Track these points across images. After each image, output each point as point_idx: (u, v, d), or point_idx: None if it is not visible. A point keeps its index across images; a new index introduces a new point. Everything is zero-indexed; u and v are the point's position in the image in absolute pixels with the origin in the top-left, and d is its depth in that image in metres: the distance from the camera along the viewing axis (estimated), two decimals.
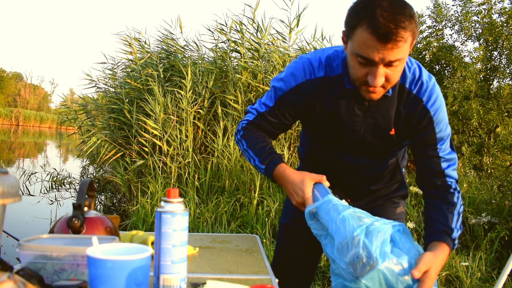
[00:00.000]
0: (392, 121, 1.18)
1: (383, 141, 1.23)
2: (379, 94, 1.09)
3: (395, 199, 1.43)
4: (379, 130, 1.20)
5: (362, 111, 1.18)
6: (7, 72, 50.66)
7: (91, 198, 0.99)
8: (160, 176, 4.54)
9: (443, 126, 1.18)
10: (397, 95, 1.16)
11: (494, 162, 5.22)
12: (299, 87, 1.20)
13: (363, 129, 1.20)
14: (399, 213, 1.43)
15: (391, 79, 1.05)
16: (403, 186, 1.45)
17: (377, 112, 1.18)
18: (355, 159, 1.30)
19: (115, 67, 6.51)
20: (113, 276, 0.62)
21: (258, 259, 1.14)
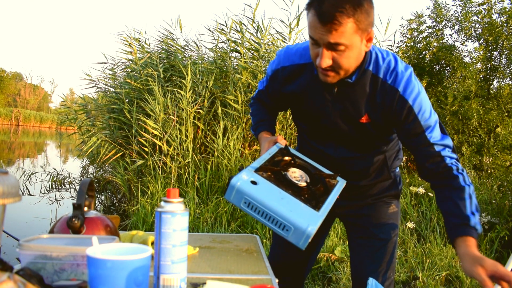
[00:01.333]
0: (363, 108, 1.21)
1: (356, 129, 1.25)
2: (333, 78, 1.14)
3: (386, 198, 1.42)
4: (349, 116, 1.23)
5: (332, 97, 1.23)
6: (7, 72, 50.67)
7: (91, 198, 0.99)
8: (160, 176, 4.54)
9: (427, 114, 1.18)
10: (370, 84, 1.18)
11: (494, 162, 5.22)
12: (278, 72, 1.32)
13: (333, 114, 1.25)
14: (391, 213, 1.42)
15: (339, 63, 1.09)
16: (395, 186, 1.44)
17: (345, 98, 1.22)
18: (336, 150, 1.33)
19: (115, 67, 6.51)
20: (113, 276, 0.62)
21: (258, 259, 1.14)
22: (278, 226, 1.03)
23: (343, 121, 1.25)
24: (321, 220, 1.05)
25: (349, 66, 1.12)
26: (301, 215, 1.03)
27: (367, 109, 1.20)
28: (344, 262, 2.98)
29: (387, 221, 1.40)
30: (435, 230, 3.56)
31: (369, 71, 1.18)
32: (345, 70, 1.12)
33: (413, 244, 3.33)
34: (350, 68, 1.13)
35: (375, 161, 1.36)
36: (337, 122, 1.25)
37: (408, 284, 2.80)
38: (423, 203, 3.89)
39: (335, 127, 1.27)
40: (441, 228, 3.58)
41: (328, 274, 2.92)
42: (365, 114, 1.21)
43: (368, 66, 1.18)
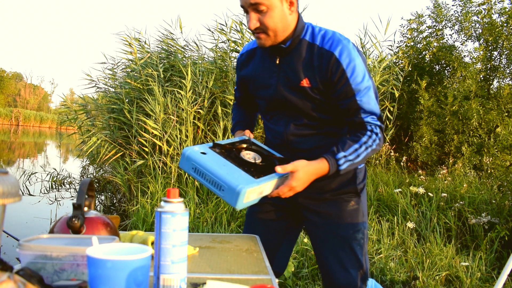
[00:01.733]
0: (302, 73, 1.32)
1: (298, 95, 1.34)
2: (266, 40, 1.29)
3: (345, 195, 1.43)
4: (290, 82, 1.34)
5: (275, 67, 1.37)
6: (7, 72, 50.68)
7: (91, 198, 0.99)
8: (160, 176, 4.54)
9: (359, 78, 1.28)
10: (307, 51, 1.31)
11: (494, 162, 5.22)
12: (238, 60, 1.53)
13: (278, 83, 1.37)
14: (351, 210, 1.43)
15: (264, 23, 1.25)
16: (353, 181, 1.44)
17: (286, 66, 1.35)
18: (287, 127, 1.41)
19: (115, 67, 6.51)
20: (113, 276, 0.62)
21: (258, 259, 1.14)
22: (215, 186, 1.15)
23: (286, 88, 1.36)
24: (256, 185, 1.15)
25: (275, 27, 1.26)
26: (236, 178, 1.15)
27: (306, 73, 1.31)
28: None
29: (345, 218, 1.42)
30: (435, 230, 3.56)
31: (305, 40, 1.32)
32: (272, 30, 1.27)
33: (413, 244, 3.33)
34: (277, 29, 1.27)
35: (326, 144, 1.38)
36: (282, 90, 1.36)
37: (408, 284, 2.80)
38: (423, 203, 3.89)
39: (281, 97, 1.37)
40: (441, 228, 3.58)
41: None
42: (304, 78, 1.32)
43: (304, 36, 1.33)
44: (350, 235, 1.42)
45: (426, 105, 5.47)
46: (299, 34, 1.32)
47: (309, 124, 1.39)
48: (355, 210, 1.43)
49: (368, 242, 3.33)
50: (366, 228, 1.47)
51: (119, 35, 5.93)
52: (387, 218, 3.78)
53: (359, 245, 1.43)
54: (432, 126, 5.51)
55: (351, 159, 1.28)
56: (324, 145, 1.39)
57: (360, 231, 1.43)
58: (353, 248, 1.42)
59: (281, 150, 1.44)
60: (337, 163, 1.27)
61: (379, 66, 5.54)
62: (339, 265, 1.42)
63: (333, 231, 1.42)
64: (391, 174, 4.71)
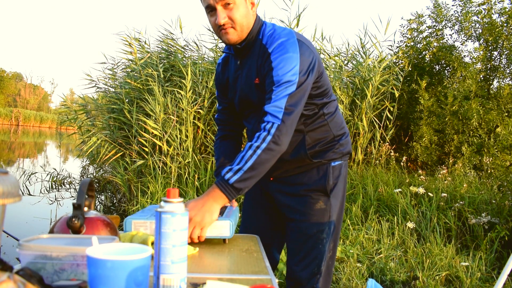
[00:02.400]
0: (255, 71, 1.38)
1: (254, 92, 1.40)
2: (233, 34, 1.34)
3: (314, 194, 1.45)
4: (248, 80, 1.41)
5: (239, 69, 1.44)
6: (7, 72, 50.67)
7: (91, 198, 0.99)
8: (160, 176, 4.54)
9: (281, 71, 1.29)
10: (259, 49, 1.37)
11: (494, 162, 5.22)
12: (216, 70, 1.59)
13: (241, 83, 1.44)
14: (317, 209, 1.44)
15: (233, 17, 1.31)
16: (323, 179, 1.45)
17: (244, 66, 1.42)
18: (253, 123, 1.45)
19: (115, 67, 6.52)
20: (113, 276, 0.62)
21: (258, 259, 1.14)
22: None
23: (246, 87, 1.42)
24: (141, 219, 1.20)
25: (242, 21, 1.33)
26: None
27: (258, 72, 1.38)
28: (344, 262, 2.99)
29: (312, 217, 1.45)
30: (435, 230, 3.56)
31: (260, 39, 1.39)
32: (239, 25, 1.32)
33: (413, 244, 3.33)
34: (243, 24, 1.33)
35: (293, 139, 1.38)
36: (244, 89, 1.43)
37: (408, 284, 2.80)
38: (423, 203, 3.89)
39: (245, 96, 1.44)
40: (441, 228, 3.58)
41: None
42: (257, 77, 1.38)
43: (260, 36, 1.39)
44: (314, 234, 1.44)
45: (426, 105, 5.47)
46: (254, 34, 1.38)
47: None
48: (322, 210, 1.45)
49: (368, 242, 3.33)
50: (332, 230, 1.46)
51: (119, 35, 5.93)
52: (387, 218, 3.78)
53: (321, 245, 1.45)
54: (432, 126, 5.51)
55: (239, 168, 1.23)
56: (294, 141, 1.42)
57: (324, 232, 1.44)
58: (315, 247, 1.44)
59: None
60: (224, 179, 1.23)
61: (379, 66, 5.54)
62: (298, 260, 1.47)
63: (298, 226, 1.46)
64: (391, 174, 4.71)
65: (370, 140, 5.46)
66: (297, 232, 1.47)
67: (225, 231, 1.21)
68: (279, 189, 1.52)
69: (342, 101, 5.35)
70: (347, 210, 3.97)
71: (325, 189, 1.45)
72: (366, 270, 2.91)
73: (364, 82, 5.56)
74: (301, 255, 1.46)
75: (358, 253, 3.09)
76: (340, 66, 5.99)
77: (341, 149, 1.49)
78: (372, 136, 5.43)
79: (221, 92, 1.60)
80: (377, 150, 5.42)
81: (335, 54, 6.19)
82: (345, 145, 1.51)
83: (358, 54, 6.32)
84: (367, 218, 3.80)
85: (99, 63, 11.64)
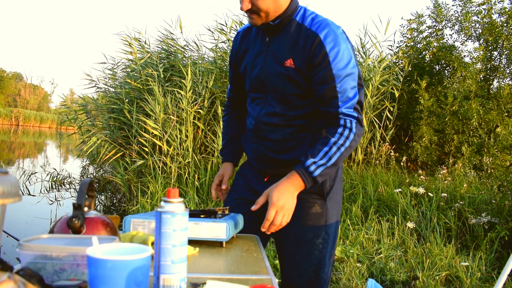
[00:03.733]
0: (288, 52, 1.32)
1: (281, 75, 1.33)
2: (257, 20, 1.31)
3: (309, 197, 1.39)
4: (276, 60, 1.34)
5: (265, 45, 1.38)
6: (7, 72, 50.66)
7: (91, 198, 0.99)
8: (160, 176, 4.54)
9: (341, 64, 1.27)
10: (295, 31, 1.32)
11: (494, 162, 5.22)
12: (235, 39, 1.52)
13: (265, 60, 1.37)
14: (313, 214, 1.39)
15: (257, 5, 1.27)
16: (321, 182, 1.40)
17: (275, 45, 1.36)
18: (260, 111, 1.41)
19: (115, 67, 6.52)
20: (113, 276, 0.62)
21: (258, 259, 1.14)
22: None
23: (271, 67, 1.36)
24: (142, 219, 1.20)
25: (267, 8, 1.28)
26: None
27: (292, 53, 1.32)
28: (344, 262, 2.98)
29: (307, 222, 1.39)
30: (435, 230, 3.56)
31: (295, 20, 1.33)
32: (264, 11, 1.28)
33: (413, 244, 3.33)
34: (269, 10, 1.29)
35: (295, 138, 1.38)
36: (267, 68, 1.37)
37: (408, 284, 2.80)
38: (423, 203, 3.89)
39: (265, 76, 1.37)
40: (441, 228, 3.58)
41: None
42: (289, 58, 1.32)
43: (295, 17, 1.34)
44: (309, 239, 1.39)
45: (426, 105, 5.47)
46: (290, 14, 1.32)
47: (281, 114, 1.37)
48: (317, 215, 1.39)
49: (368, 242, 3.33)
50: (329, 234, 1.41)
51: (119, 35, 5.94)
52: (387, 218, 3.78)
53: (317, 250, 1.39)
54: (432, 126, 5.51)
55: (323, 163, 1.25)
56: (292, 139, 1.38)
57: (320, 237, 1.39)
58: (310, 252, 1.39)
59: (252, 137, 1.46)
60: (308, 171, 1.24)
61: (379, 66, 5.54)
62: (293, 266, 1.41)
63: (293, 231, 1.39)
64: (391, 174, 4.71)
65: (370, 140, 5.46)
66: (291, 237, 1.40)
67: (222, 233, 1.20)
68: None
69: None
70: (347, 210, 3.97)
71: (322, 192, 1.40)
72: (366, 270, 2.91)
73: (364, 82, 5.56)
74: (296, 261, 1.40)
75: (358, 253, 3.09)
76: None
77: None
78: (372, 136, 5.43)
79: (233, 68, 1.55)
80: (377, 150, 5.42)
81: None
82: None
83: (358, 54, 6.32)
84: (367, 218, 3.80)
85: (99, 63, 11.65)
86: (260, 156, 1.45)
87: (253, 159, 1.49)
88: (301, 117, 1.36)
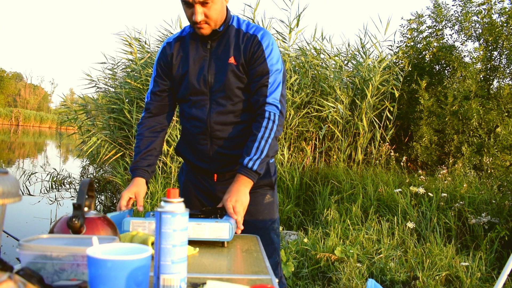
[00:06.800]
0: (230, 51, 1.47)
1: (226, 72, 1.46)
2: (207, 29, 1.44)
3: (261, 189, 1.56)
4: (220, 60, 1.48)
5: (207, 50, 1.50)
6: (7, 72, 50.67)
7: (91, 198, 0.99)
8: (160, 176, 4.54)
9: (274, 60, 1.47)
10: (235, 35, 1.49)
11: (494, 162, 5.22)
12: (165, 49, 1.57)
13: (209, 63, 1.49)
14: (267, 203, 1.57)
15: (209, 15, 1.40)
16: (268, 174, 1.58)
17: (217, 47, 1.49)
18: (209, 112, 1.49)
19: (115, 67, 6.52)
20: (113, 276, 0.62)
21: (258, 259, 1.14)
22: None
23: (217, 65, 1.48)
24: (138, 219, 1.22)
25: (217, 17, 1.43)
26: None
27: (233, 52, 1.47)
28: (344, 262, 2.98)
29: (263, 211, 1.55)
30: (435, 230, 3.56)
31: (233, 26, 1.51)
32: (214, 21, 1.42)
33: (413, 244, 3.33)
34: (218, 19, 1.44)
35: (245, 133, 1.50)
36: (213, 67, 1.48)
37: (408, 284, 2.80)
38: (423, 203, 3.89)
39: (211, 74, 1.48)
40: (441, 228, 3.58)
41: (328, 274, 2.92)
42: (231, 56, 1.47)
43: (231, 23, 1.51)
44: (268, 226, 1.55)
45: (426, 105, 5.47)
46: (228, 21, 1.50)
47: (231, 110, 1.49)
48: (271, 203, 1.58)
49: (368, 242, 3.33)
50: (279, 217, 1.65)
51: (119, 35, 5.94)
52: (387, 218, 3.78)
53: (276, 234, 1.57)
54: (432, 126, 5.51)
55: (258, 157, 1.41)
56: (243, 135, 1.50)
57: (276, 222, 1.59)
58: (272, 238, 1.55)
59: (201, 139, 1.52)
60: (248, 168, 1.40)
61: (379, 66, 5.54)
62: None
63: (252, 223, 1.51)
64: (391, 174, 4.71)
65: (370, 140, 5.46)
66: (252, 229, 1.49)
67: (224, 233, 1.21)
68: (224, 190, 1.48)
69: (342, 101, 5.35)
70: (347, 210, 3.97)
71: (271, 182, 1.59)
72: (366, 270, 2.91)
73: (364, 82, 5.56)
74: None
75: (358, 253, 3.09)
76: (340, 66, 5.99)
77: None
78: (372, 136, 5.43)
79: (163, 73, 1.57)
80: (377, 150, 5.42)
81: (335, 54, 6.19)
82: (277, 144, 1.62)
83: (358, 54, 6.32)
84: (367, 218, 3.80)
85: (99, 63, 11.65)
86: (212, 156, 1.53)
87: (200, 160, 1.56)
88: (247, 110, 1.50)
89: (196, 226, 1.21)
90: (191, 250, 1.15)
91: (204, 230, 1.21)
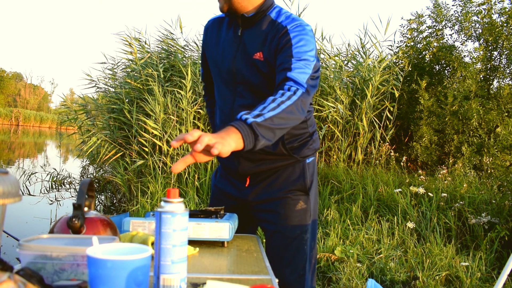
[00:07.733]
0: (258, 45, 1.34)
1: (251, 68, 1.35)
2: (223, 4, 1.33)
3: (292, 194, 1.42)
4: (247, 52, 1.36)
5: (237, 38, 1.39)
6: (7, 72, 50.68)
7: (91, 198, 0.99)
8: (160, 176, 4.54)
9: (302, 49, 1.27)
10: (268, 26, 1.34)
11: (494, 162, 5.22)
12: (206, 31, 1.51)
13: (236, 53, 1.38)
14: (298, 210, 1.42)
15: None
16: (302, 177, 1.43)
17: (246, 38, 1.37)
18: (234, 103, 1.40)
19: (115, 67, 6.52)
20: (113, 276, 0.62)
21: (258, 259, 1.14)
22: None
23: (242, 59, 1.37)
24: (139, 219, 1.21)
25: None
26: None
27: (262, 47, 1.34)
28: (344, 262, 2.98)
29: (293, 218, 1.41)
30: (435, 230, 3.56)
31: (270, 16, 1.36)
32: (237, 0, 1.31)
33: (413, 244, 3.33)
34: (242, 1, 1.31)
35: None
36: (238, 60, 1.38)
37: (408, 284, 2.80)
38: (423, 203, 3.89)
39: (236, 69, 1.38)
40: (441, 228, 3.58)
41: (328, 274, 2.92)
42: (259, 51, 1.34)
43: (270, 13, 1.36)
44: (297, 236, 1.41)
45: (426, 105, 5.47)
46: (265, 9, 1.35)
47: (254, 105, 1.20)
48: (303, 211, 1.42)
49: (368, 242, 3.33)
50: (314, 228, 1.46)
51: (119, 35, 5.94)
52: (387, 218, 3.78)
53: (306, 245, 1.43)
54: (432, 126, 5.51)
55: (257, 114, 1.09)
56: None
57: (307, 232, 1.43)
58: (300, 249, 1.42)
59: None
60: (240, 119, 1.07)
61: (379, 66, 5.54)
62: (284, 265, 1.42)
63: (280, 230, 1.42)
64: (391, 174, 4.71)
65: (370, 140, 5.45)
66: (279, 236, 1.42)
67: (224, 233, 1.21)
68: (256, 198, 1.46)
69: (342, 101, 5.35)
70: (347, 210, 3.97)
71: (305, 187, 1.43)
72: (366, 270, 2.91)
73: (364, 82, 5.56)
74: (287, 258, 1.42)
75: (358, 253, 3.09)
76: (340, 66, 5.99)
77: (314, 146, 1.48)
78: (372, 136, 5.43)
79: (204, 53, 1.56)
80: (377, 150, 5.42)
81: (335, 54, 6.19)
82: (316, 141, 1.50)
83: (358, 54, 6.32)
84: (367, 218, 3.80)
85: (99, 63, 11.66)
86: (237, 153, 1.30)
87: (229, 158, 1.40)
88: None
89: (196, 226, 1.21)
90: (191, 250, 1.15)
91: (204, 230, 1.21)
